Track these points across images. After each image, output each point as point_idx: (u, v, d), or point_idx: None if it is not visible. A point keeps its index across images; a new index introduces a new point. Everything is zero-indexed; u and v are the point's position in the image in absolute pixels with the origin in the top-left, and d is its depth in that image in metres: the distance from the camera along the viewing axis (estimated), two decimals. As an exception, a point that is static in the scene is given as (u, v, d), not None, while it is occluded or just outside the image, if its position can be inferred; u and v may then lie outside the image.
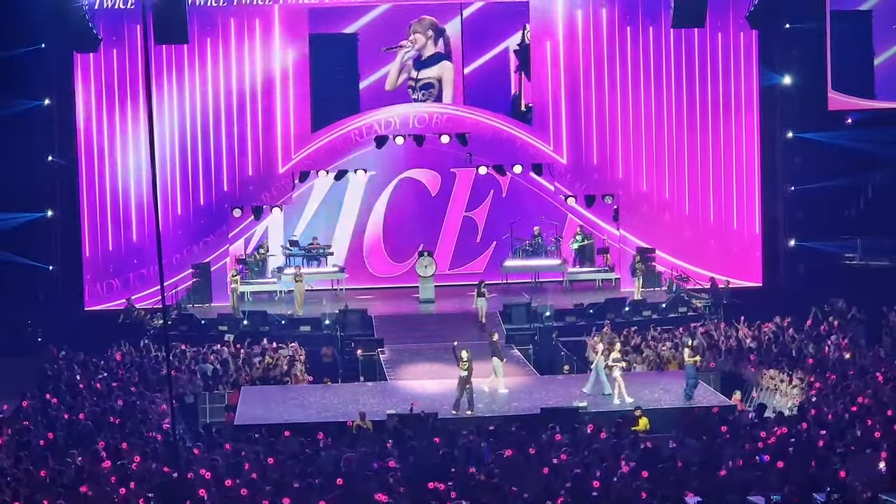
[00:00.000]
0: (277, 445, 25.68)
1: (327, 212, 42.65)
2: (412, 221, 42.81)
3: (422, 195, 42.92)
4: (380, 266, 42.75)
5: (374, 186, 42.61)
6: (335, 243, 42.23)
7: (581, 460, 23.87)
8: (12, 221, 37.95)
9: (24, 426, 27.18)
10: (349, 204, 42.71)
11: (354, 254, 42.82)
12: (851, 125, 40.85)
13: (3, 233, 37.96)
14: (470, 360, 29.76)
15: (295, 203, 41.92)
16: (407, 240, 42.51)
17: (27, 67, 38.29)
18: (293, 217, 42.29)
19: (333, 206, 42.68)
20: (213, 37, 40.58)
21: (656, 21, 40.84)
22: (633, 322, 36.84)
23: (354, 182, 42.21)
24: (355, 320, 37.06)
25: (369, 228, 42.88)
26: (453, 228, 42.96)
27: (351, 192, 42.59)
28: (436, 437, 26.03)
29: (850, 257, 40.71)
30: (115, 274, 40.60)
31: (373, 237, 42.96)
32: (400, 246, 42.55)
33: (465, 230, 42.96)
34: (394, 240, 42.79)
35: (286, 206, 41.45)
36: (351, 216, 42.81)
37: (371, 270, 42.84)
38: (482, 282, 37.04)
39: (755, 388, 32.43)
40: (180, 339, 35.59)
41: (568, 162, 41.68)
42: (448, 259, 42.78)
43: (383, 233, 42.93)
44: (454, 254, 42.92)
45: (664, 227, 41.71)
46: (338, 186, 42.25)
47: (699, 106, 41.47)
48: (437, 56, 42.47)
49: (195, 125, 40.74)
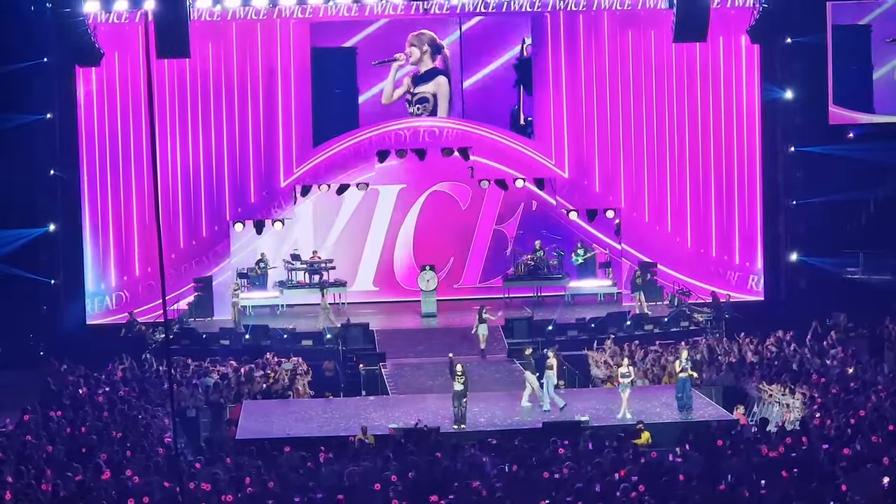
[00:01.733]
0: (279, 459, 25.67)
1: (358, 225, 42.53)
2: (443, 234, 42.60)
3: (452, 208, 42.81)
4: (411, 280, 42.49)
5: (405, 199, 42.51)
6: (365, 256, 42.17)
7: (583, 474, 23.85)
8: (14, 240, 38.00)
9: (25, 440, 27.17)
10: (379, 217, 42.58)
11: (385, 267, 42.61)
12: (853, 139, 40.87)
13: (4, 246, 37.99)
14: (465, 374, 29.74)
15: (323, 215, 41.99)
16: (437, 253, 42.33)
17: (29, 81, 38.34)
18: (322, 230, 42.26)
19: (364, 220, 42.54)
20: (214, 50, 40.65)
21: (658, 36, 40.89)
22: (635, 336, 36.82)
23: (385, 195, 42.17)
24: (357, 334, 37.04)
25: (400, 241, 42.72)
26: (483, 241, 42.80)
27: (381, 205, 42.49)
28: (438, 451, 26.02)
29: (851, 272, 40.69)
30: (118, 288, 40.58)
31: (404, 250, 42.81)
32: (430, 259, 42.34)
33: (495, 243, 42.76)
34: (424, 253, 42.60)
35: (317, 216, 41.45)
36: (381, 229, 42.65)
37: (401, 284, 42.67)
38: (483, 307, 36.03)
39: (757, 402, 32.41)
40: (182, 353, 35.54)
41: (569, 176, 41.74)
42: (478, 273, 42.64)
43: (413, 246, 42.80)
44: (484, 267, 42.70)
45: (665, 241, 41.72)
46: (367, 199, 42.15)
47: (700, 120, 41.51)
48: (433, 71, 42.49)
49: (196, 139, 40.77)
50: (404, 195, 42.47)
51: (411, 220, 42.69)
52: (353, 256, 42.32)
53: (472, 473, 24.17)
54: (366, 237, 42.54)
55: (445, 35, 42.36)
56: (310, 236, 42.24)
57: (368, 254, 42.58)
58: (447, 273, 42.09)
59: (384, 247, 42.56)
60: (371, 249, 42.59)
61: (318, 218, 42.39)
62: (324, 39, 41.75)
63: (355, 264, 42.28)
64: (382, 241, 42.58)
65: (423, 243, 42.60)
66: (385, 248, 42.56)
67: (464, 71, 42.38)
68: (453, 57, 42.46)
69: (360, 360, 35.28)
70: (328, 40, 41.93)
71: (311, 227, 42.38)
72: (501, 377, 34.46)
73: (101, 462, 24.93)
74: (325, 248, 41.84)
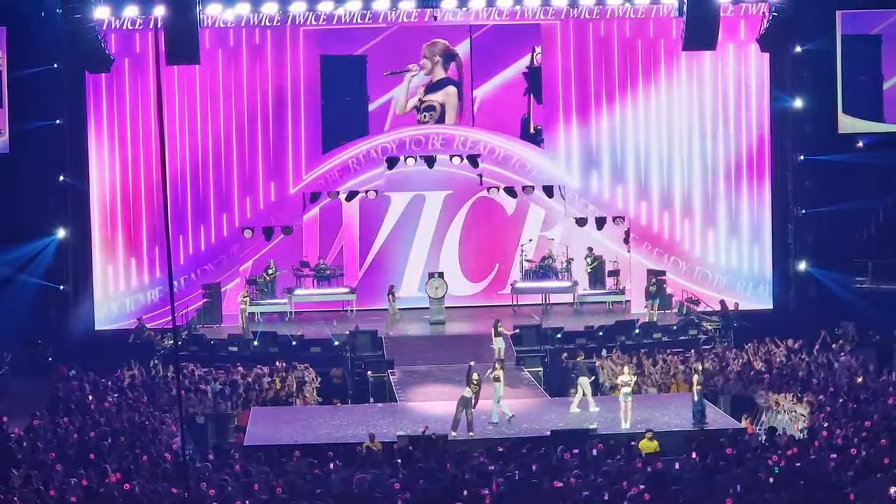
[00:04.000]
0: (287, 466, 25.68)
1: (403, 231, 42.56)
2: (488, 241, 42.46)
3: (497, 215, 42.72)
4: (455, 285, 42.34)
5: (451, 206, 42.46)
6: (410, 262, 42.22)
7: (591, 483, 23.84)
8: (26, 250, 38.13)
9: (33, 445, 27.21)
10: (425, 224, 42.58)
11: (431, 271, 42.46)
12: (862, 148, 40.82)
13: (14, 252, 38.07)
14: (480, 384, 29.74)
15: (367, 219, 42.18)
16: (483, 259, 42.24)
17: (40, 87, 38.35)
18: (370, 236, 42.32)
19: (410, 226, 42.58)
20: (224, 57, 40.72)
21: (667, 44, 40.89)
22: (644, 345, 36.80)
23: (431, 202, 42.21)
24: (365, 341, 37.03)
25: (445, 248, 42.70)
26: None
27: (427, 212, 42.53)
28: (445, 459, 26.01)
29: (860, 281, 40.62)
30: (127, 294, 40.63)
31: (449, 256, 42.69)
32: (476, 265, 42.30)
33: (540, 251, 42.43)
34: (469, 259, 42.52)
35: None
36: (427, 236, 42.64)
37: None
38: (498, 321, 35.49)
39: (765, 411, 32.37)
40: (190, 359, 35.56)
41: (578, 184, 41.75)
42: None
43: (459, 252, 42.69)
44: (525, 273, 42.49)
45: (674, 249, 41.70)
46: (413, 207, 42.30)
47: (710, 128, 41.49)
48: (444, 81, 42.36)
49: (206, 145, 40.83)
50: (450, 201, 42.40)
51: (457, 226, 42.67)
52: (399, 263, 42.26)
53: (480, 481, 24.15)
54: (412, 243, 42.59)
55: (455, 43, 42.29)
56: (356, 240, 42.44)
57: (414, 260, 42.55)
58: (492, 280, 42.21)
59: (430, 253, 42.56)
60: (417, 256, 42.58)
61: (364, 221, 42.48)
62: (333, 47, 41.74)
63: (400, 270, 42.14)
64: (428, 247, 42.60)
65: (467, 250, 42.59)
66: (430, 255, 42.55)
67: (474, 79, 42.33)
68: (464, 65, 42.38)
69: (369, 367, 35.30)
70: (338, 48, 41.91)
71: (357, 231, 42.49)
72: (510, 385, 34.40)
73: (108, 468, 24.95)
74: (371, 253, 42.16)
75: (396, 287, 40.94)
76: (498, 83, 42.55)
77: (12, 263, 38.02)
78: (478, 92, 42.27)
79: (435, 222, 42.57)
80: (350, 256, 42.50)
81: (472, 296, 42.57)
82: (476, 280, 42.77)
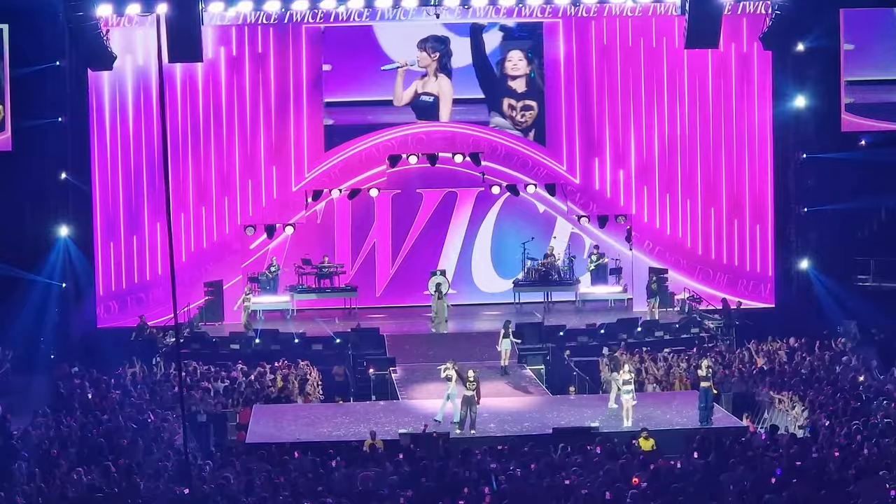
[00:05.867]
0: (289, 464, 25.68)
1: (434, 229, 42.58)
2: (519, 238, 42.31)
3: (529, 212, 42.72)
4: (486, 283, 42.50)
5: (483, 204, 42.50)
6: (444, 260, 42.21)
7: (593, 481, 23.82)
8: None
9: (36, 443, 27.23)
10: (457, 222, 42.60)
11: (463, 271, 42.54)
12: (865, 147, 40.81)
13: (15, 250, 38.08)
14: (477, 381, 29.73)
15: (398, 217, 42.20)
16: (513, 257, 42.17)
17: (42, 85, 38.40)
18: (400, 236, 42.34)
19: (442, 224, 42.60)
20: (227, 55, 40.73)
21: (670, 42, 40.89)
22: (646, 343, 36.80)
23: (463, 200, 42.15)
24: (367, 339, 37.06)
25: (477, 245, 42.70)
26: (560, 245, 42.44)
27: (459, 209, 42.51)
28: (447, 457, 26.01)
29: (863, 279, 40.63)
30: (129, 291, 40.66)
31: (481, 254, 42.71)
32: (508, 263, 42.24)
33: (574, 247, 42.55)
34: (500, 257, 42.47)
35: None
36: (459, 234, 42.66)
37: (478, 287, 42.53)
38: (508, 322, 35.61)
39: (767, 409, 32.37)
40: (192, 357, 35.59)
41: (580, 182, 41.76)
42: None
43: (491, 249, 42.69)
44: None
45: (676, 247, 41.70)
46: (446, 202, 42.33)
47: (712, 126, 41.49)
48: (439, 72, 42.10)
49: (208, 142, 40.84)
50: (482, 199, 42.36)
51: (489, 224, 42.66)
52: (430, 260, 42.20)
53: (482, 479, 24.15)
54: (443, 241, 42.63)
55: (456, 40, 42.20)
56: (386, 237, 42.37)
57: (446, 258, 42.54)
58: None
59: (462, 251, 42.57)
60: (450, 253, 42.60)
61: (395, 218, 42.44)
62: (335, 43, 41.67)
63: (429, 269, 41.93)
64: (461, 244, 42.59)
65: (499, 247, 42.55)
66: (463, 252, 42.54)
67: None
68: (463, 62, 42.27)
69: (370, 364, 35.31)
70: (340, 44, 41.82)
71: (390, 227, 42.49)
72: (512, 382, 34.46)
73: (110, 465, 24.95)
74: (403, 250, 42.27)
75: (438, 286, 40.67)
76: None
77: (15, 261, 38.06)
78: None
79: (467, 220, 42.60)
80: (382, 254, 42.53)
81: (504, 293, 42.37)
82: (508, 277, 42.53)
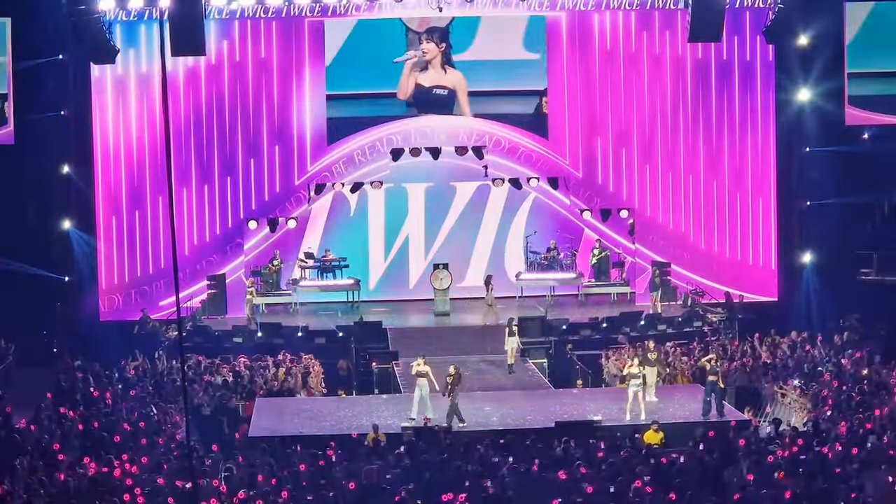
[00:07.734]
0: (292, 458, 25.69)
1: (468, 221, 42.46)
2: (551, 231, 42.21)
3: (558, 205, 42.58)
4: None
5: (514, 197, 42.36)
6: (475, 255, 42.16)
7: (595, 474, 23.83)
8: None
9: (38, 436, 27.24)
10: (489, 215, 42.52)
11: (496, 264, 42.28)
12: (868, 140, 40.78)
13: (18, 243, 38.08)
14: (457, 374, 29.66)
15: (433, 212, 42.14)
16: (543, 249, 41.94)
17: (45, 78, 38.41)
18: (432, 233, 42.20)
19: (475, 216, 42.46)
20: (230, 48, 40.71)
21: (673, 35, 40.85)
22: (649, 336, 36.73)
23: (496, 192, 42.07)
24: (370, 333, 37.04)
25: (510, 238, 42.61)
26: (591, 239, 42.42)
27: (492, 202, 42.46)
28: (449, 450, 26.03)
29: (866, 272, 40.60)
30: (131, 285, 40.66)
31: (512, 247, 42.56)
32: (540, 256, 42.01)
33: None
34: (533, 249, 42.14)
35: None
36: (492, 227, 42.60)
37: (511, 280, 42.15)
38: (512, 319, 35.55)
39: (770, 403, 32.35)
40: (195, 350, 35.57)
41: (583, 175, 41.74)
42: (587, 270, 42.21)
43: (524, 242, 42.36)
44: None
45: (679, 240, 41.68)
46: (479, 198, 42.24)
47: (715, 120, 41.45)
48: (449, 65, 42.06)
49: (211, 135, 40.83)
50: (514, 192, 42.15)
51: (521, 216, 42.57)
52: (464, 253, 42.11)
53: (485, 472, 24.17)
54: (476, 233, 42.50)
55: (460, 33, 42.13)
56: (420, 232, 42.34)
57: (479, 251, 42.49)
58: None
59: (493, 244, 42.49)
60: (482, 246, 42.51)
61: (429, 211, 42.37)
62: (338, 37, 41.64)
63: (465, 262, 41.98)
64: (493, 237, 42.53)
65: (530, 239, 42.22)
66: (495, 245, 42.48)
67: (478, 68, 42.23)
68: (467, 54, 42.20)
69: (373, 358, 35.30)
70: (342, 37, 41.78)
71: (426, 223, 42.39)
72: (514, 376, 34.45)
73: (113, 458, 24.97)
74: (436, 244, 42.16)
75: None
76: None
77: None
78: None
79: (500, 213, 42.49)
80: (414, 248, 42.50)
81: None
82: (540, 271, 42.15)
